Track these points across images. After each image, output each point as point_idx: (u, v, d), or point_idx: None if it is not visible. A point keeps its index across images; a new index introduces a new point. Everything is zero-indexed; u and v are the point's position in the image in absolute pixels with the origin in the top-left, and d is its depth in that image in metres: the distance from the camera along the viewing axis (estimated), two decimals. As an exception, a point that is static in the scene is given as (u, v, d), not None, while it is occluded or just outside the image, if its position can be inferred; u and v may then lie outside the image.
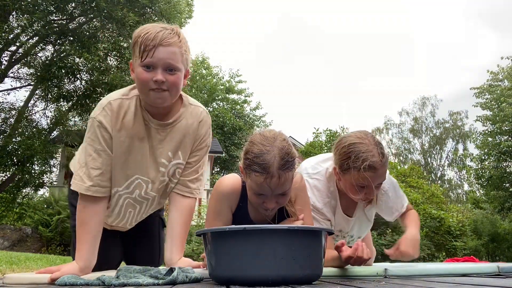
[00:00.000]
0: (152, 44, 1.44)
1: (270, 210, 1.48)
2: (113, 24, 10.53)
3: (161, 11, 10.82)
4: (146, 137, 1.58)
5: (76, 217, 1.56)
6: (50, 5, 10.22)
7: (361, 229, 2.02)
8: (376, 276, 1.51)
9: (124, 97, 1.57)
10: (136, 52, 1.47)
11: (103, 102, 1.56)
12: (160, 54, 1.45)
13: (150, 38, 1.44)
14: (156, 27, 1.49)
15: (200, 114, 1.66)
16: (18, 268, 3.75)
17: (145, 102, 1.55)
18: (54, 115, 11.95)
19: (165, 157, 1.62)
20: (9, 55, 11.38)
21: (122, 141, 1.55)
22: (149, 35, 1.45)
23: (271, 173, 1.36)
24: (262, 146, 1.39)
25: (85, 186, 1.53)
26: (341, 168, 1.71)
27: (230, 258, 1.13)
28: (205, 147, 1.70)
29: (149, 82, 1.46)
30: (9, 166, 10.47)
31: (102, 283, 1.23)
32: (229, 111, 23.35)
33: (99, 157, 1.54)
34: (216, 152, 16.71)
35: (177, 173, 1.67)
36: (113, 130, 1.53)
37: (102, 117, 1.52)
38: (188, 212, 1.67)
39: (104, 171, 1.56)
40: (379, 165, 1.63)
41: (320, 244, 1.19)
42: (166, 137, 1.60)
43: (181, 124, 1.62)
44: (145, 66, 1.45)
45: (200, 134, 1.66)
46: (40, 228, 10.32)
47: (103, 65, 11.14)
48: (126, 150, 1.57)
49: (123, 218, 1.76)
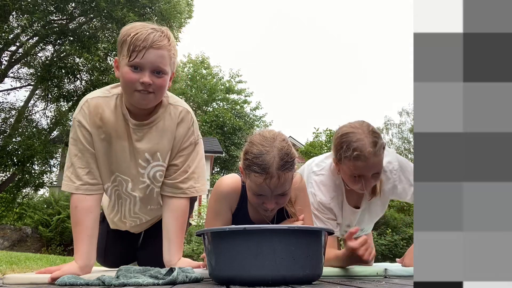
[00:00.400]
0: (143, 45, 1.42)
1: (270, 210, 1.48)
2: (113, 24, 10.53)
3: (161, 11, 10.82)
4: (125, 136, 1.57)
5: (70, 217, 1.57)
6: (50, 5, 10.22)
7: (372, 220, 1.99)
8: (376, 276, 1.52)
9: (103, 95, 1.57)
10: (124, 51, 1.46)
11: (82, 100, 1.56)
12: (150, 56, 1.43)
13: (140, 39, 1.42)
14: (147, 27, 1.47)
15: (178, 115, 1.61)
16: (18, 268, 3.74)
17: (128, 101, 1.54)
18: (54, 115, 11.96)
19: (142, 159, 1.60)
20: (9, 55, 11.38)
21: (102, 138, 1.55)
22: (140, 35, 1.43)
23: (270, 174, 1.36)
24: (262, 146, 1.39)
25: (75, 185, 1.54)
26: (337, 159, 1.71)
27: (230, 258, 1.13)
28: (190, 145, 1.64)
29: (136, 83, 1.45)
30: (9, 166, 10.47)
31: (102, 283, 1.23)
32: (229, 111, 23.35)
33: (84, 156, 1.55)
34: (216, 152, 16.71)
35: (158, 176, 1.64)
36: (92, 128, 1.54)
37: (81, 116, 1.53)
38: (182, 213, 1.64)
39: (91, 169, 1.56)
40: (370, 155, 1.60)
41: (320, 244, 1.19)
42: (143, 137, 1.58)
43: (158, 126, 1.59)
44: (132, 66, 1.44)
45: (180, 135, 1.62)
46: (40, 228, 10.32)
47: (103, 65, 11.14)
48: (106, 147, 1.57)
49: (118, 211, 1.78)
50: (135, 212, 1.78)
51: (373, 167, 1.65)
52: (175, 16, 11.41)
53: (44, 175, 11.56)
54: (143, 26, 1.48)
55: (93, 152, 1.56)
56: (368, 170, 1.65)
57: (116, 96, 1.56)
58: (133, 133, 1.56)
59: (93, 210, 1.55)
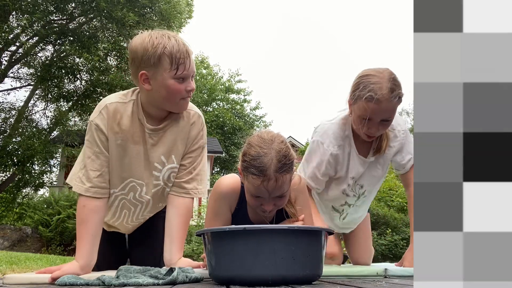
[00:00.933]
0: (183, 56, 1.48)
1: (268, 212, 1.48)
2: (113, 24, 10.53)
3: (160, 11, 10.83)
4: (141, 141, 1.60)
5: (76, 215, 1.58)
6: (50, 5, 10.22)
7: (372, 180, 1.97)
8: (376, 276, 1.52)
9: (121, 101, 1.59)
10: (165, 65, 1.47)
11: (100, 105, 1.58)
12: (190, 64, 1.52)
13: (179, 50, 1.47)
14: (169, 36, 1.50)
15: (191, 117, 1.67)
16: (18, 268, 3.75)
17: (163, 108, 1.58)
18: (54, 115, 11.96)
19: (158, 161, 1.63)
20: (9, 55, 11.39)
21: (118, 144, 1.58)
22: (175, 46, 1.47)
23: (268, 176, 1.35)
24: (260, 148, 1.38)
25: (85, 187, 1.55)
26: (351, 100, 1.71)
27: (230, 258, 1.13)
28: (199, 148, 1.70)
29: (183, 92, 1.52)
30: (9, 166, 10.47)
31: (102, 283, 1.23)
32: (229, 111, 23.35)
33: (97, 159, 1.56)
34: (216, 152, 16.71)
35: (171, 177, 1.68)
36: (109, 133, 1.56)
37: (99, 120, 1.55)
38: (186, 212, 1.66)
39: (103, 172, 1.58)
40: (384, 99, 1.60)
41: (320, 244, 1.19)
42: (158, 141, 1.62)
43: (172, 129, 1.63)
44: (180, 78, 1.50)
45: (191, 137, 1.67)
46: (40, 228, 10.32)
47: (103, 65, 11.14)
48: (121, 153, 1.59)
49: (118, 218, 1.78)
50: (143, 215, 1.80)
51: (384, 112, 1.64)
52: (175, 16, 11.42)
53: (44, 175, 11.57)
54: (165, 36, 1.49)
55: (107, 156, 1.58)
56: (378, 114, 1.64)
57: (133, 102, 1.59)
58: (148, 138, 1.60)
59: (100, 210, 1.57)
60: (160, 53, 1.46)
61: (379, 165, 1.93)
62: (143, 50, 1.47)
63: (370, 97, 1.61)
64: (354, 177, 1.89)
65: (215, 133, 21.73)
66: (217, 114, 22.64)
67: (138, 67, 1.50)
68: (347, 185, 1.91)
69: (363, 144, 1.85)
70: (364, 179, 1.93)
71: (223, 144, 21.13)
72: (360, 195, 1.98)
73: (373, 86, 1.61)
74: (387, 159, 1.92)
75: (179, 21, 12.06)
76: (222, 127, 22.54)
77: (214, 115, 22.62)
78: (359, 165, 1.87)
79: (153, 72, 1.49)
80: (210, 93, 24.25)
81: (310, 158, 1.87)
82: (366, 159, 1.87)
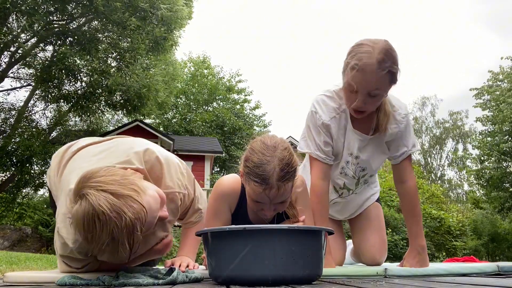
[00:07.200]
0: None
1: (268, 215, 1.48)
2: (113, 26, 10.55)
3: (162, 17, 10.84)
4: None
5: None
6: (50, 6, 10.22)
7: (373, 157, 1.86)
8: (376, 276, 1.51)
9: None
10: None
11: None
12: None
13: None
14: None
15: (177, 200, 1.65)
16: (18, 268, 3.75)
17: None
18: (53, 116, 11.97)
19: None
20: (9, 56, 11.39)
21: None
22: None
23: (270, 184, 1.34)
24: (262, 155, 1.36)
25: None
26: (343, 69, 1.64)
27: (230, 258, 1.13)
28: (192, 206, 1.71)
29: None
30: (9, 166, 10.48)
31: (102, 283, 1.23)
32: (229, 111, 23.33)
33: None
34: (216, 152, 16.69)
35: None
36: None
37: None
38: (199, 226, 1.69)
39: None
40: (369, 68, 1.51)
41: (320, 244, 1.19)
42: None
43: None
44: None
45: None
46: (40, 228, 10.32)
47: (103, 67, 11.14)
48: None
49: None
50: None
51: (368, 84, 1.55)
52: (175, 21, 11.44)
53: (44, 175, 11.57)
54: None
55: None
56: (363, 85, 1.55)
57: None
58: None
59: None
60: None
61: (380, 144, 1.83)
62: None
63: (355, 65, 1.53)
64: (352, 153, 1.82)
65: (215, 133, 21.70)
66: (217, 114, 22.62)
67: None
68: (345, 163, 1.85)
69: (363, 120, 1.75)
70: (364, 160, 1.85)
71: (223, 144, 21.08)
72: (360, 177, 1.92)
73: (361, 55, 1.53)
74: (384, 139, 1.81)
75: (180, 25, 12.05)
76: (222, 127, 22.51)
77: (214, 115, 22.60)
78: (356, 141, 1.79)
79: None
80: (211, 93, 24.24)
81: (309, 131, 1.79)
82: (366, 136, 1.79)
